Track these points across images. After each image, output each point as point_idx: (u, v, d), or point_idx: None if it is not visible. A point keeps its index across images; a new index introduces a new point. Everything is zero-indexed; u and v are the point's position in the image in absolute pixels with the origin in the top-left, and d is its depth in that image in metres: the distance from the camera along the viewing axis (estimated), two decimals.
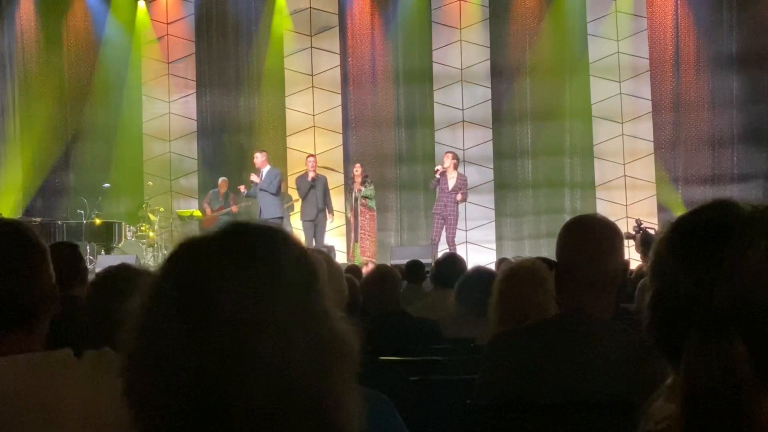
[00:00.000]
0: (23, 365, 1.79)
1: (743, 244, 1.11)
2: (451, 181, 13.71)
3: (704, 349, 1.07)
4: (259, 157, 14.01)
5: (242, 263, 1.09)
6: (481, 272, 5.20)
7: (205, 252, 1.11)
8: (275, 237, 1.14)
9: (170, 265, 1.12)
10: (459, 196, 13.69)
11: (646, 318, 1.19)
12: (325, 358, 1.08)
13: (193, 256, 1.12)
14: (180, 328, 1.05)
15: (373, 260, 13.48)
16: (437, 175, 13.69)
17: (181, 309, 1.06)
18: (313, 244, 13.41)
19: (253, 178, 13.96)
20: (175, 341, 1.05)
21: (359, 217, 14.20)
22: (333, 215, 14.30)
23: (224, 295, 1.06)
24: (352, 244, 14.38)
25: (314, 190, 13.92)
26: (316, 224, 13.98)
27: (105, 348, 1.86)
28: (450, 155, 13.91)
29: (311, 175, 13.98)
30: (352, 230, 14.35)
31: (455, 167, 13.82)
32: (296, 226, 14.70)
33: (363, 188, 14.24)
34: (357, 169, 14.35)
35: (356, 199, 14.21)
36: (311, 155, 14.53)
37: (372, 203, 14.41)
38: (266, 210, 13.90)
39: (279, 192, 13.96)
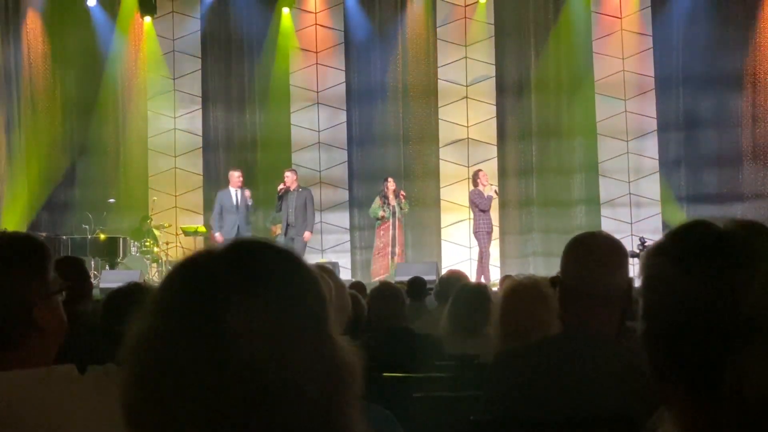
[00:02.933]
0: (25, 380, 1.78)
1: (749, 253, 1.13)
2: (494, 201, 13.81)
3: (754, 358, 1.07)
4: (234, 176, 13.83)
5: (258, 286, 1.06)
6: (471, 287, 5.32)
7: (217, 271, 1.07)
8: (289, 259, 1.11)
9: (178, 283, 1.08)
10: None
11: (651, 341, 1.20)
12: (336, 382, 1.07)
13: (203, 274, 1.07)
14: (195, 350, 1.02)
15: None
16: (494, 194, 13.65)
17: (192, 329, 1.03)
18: None
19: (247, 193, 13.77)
20: (190, 361, 1.02)
21: (398, 235, 14.03)
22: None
23: (238, 317, 1.02)
24: (387, 261, 13.99)
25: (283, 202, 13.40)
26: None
27: (109, 364, 1.86)
28: (486, 175, 13.88)
29: (281, 187, 13.43)
30: (388, 246, 14.06)
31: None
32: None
33: (398, 203, 13.94)
34: (391, 183, 14.04)
35: (393, 214, 13.98)
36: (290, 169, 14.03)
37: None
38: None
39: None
